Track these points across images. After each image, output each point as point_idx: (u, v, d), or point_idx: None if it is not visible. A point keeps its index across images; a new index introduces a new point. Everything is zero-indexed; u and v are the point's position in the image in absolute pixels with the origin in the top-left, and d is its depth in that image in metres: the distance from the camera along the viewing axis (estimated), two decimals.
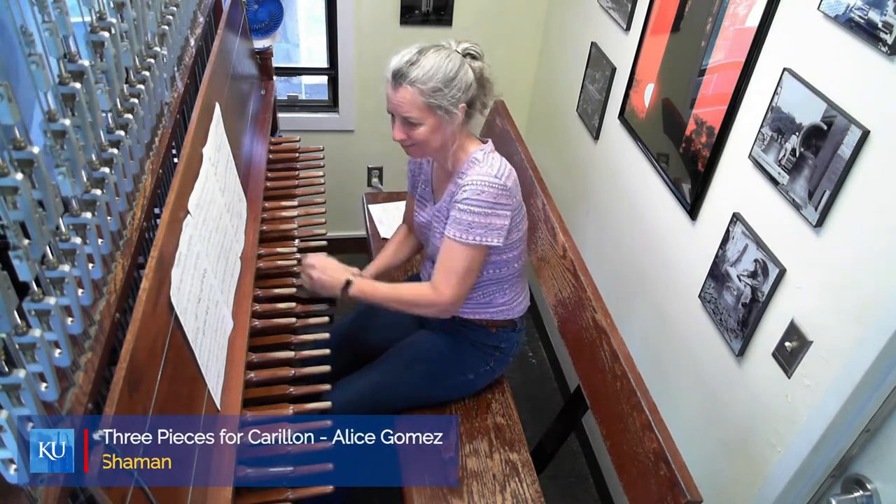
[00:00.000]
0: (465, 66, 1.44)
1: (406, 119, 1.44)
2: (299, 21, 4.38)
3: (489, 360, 1.73)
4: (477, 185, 1.44)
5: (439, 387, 1.72)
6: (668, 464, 1.29)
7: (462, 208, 1.45)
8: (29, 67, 0.74)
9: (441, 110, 1.43)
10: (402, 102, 1.42)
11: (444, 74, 1.41)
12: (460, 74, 1.43)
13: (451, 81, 1.41)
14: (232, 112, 1.66)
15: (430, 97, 1.41)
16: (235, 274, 1.43)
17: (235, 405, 1.21)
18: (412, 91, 1.41)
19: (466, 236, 1.46)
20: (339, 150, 2.82)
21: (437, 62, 1.41)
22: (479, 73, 1.48)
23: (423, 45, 1.45)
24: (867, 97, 1.12)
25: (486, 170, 1.46)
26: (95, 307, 0.90)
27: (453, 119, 1.44)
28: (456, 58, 1.44)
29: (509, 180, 1.47)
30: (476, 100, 1.49)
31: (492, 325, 1.68)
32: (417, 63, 1.41)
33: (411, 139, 1.47)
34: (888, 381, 1.12)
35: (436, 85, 1.40)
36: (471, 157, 1.50)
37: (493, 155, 1.51)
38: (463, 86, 1.43)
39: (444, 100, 1.42)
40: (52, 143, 0.79)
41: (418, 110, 1.42)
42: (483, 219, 1.45)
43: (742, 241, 1.43)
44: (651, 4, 1.82)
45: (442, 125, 1.45)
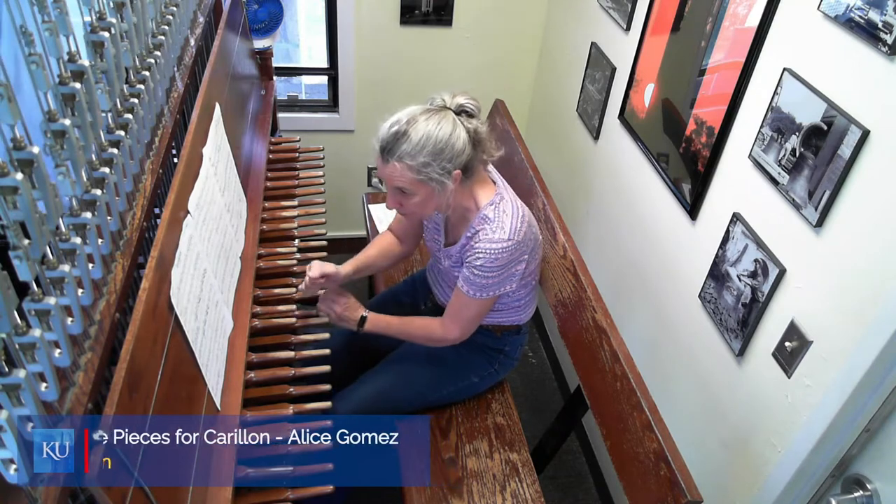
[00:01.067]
0: (458, 129, 1.37)
1: (398, 189, 1.41)
2: (299, 21, 4.38)
3: (493, 363, 1.73)
4: (490, 252, 1.42)
5: (443, 391, 1.72)
6: (668, 464, 1.29)
7: (476, 273, 1.45)
8: (29, 67, 0.74)
9: (432, 182, 1.38)
10: (392, 177, 1.39)
11: (433, 146, 1.34)
12: (451, 142, 1.36)
13: (441, 153, 1.35)
14: (232, 112, 1.66)
15: (419, 173, 1.36)
16: (235, 274, 1.43)
17: (235, 405, 1.21)
18: (400, 167, 1.36)
19: (480, 294, 1.49)
20: (339, 150, 2.82)
21: (426, 133, 1.34)
22: (473, 133, 1.40)
23: (412, 110, 1.38)
24: (867, 97, 1.12)
25: (497, 234, 1.42)
26: (95, 307, 0.90)
27: (446, 187, 1.39)
28: (447, 123, 1.36)
29: (521, 231, 1.44)
30: (471, 161, 1.42)
31: (498, 329, 1.69)
32: (406, 135, 1.34)
33: (405, 208, 1.44)
34: (888, 381, 1.12)
35: (425, 159, 1.35)
36: (482, 214, 1.46)
37: (503, 206, 1.46)
38: (453, 154, 1.37)
39: (434, 172, 1.36)
40: (52, 143, 0.79)
41: (409, 183, 1.38)
42: (497, 279, 1.47)
43: (742, 241, 1.43)
44: (651, 4, 1.82)
45: (434, 194, 1.40)
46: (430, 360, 1.70)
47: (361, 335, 1.82)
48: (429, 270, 1.81)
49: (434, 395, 1.71)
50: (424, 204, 1.43)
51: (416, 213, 1.48)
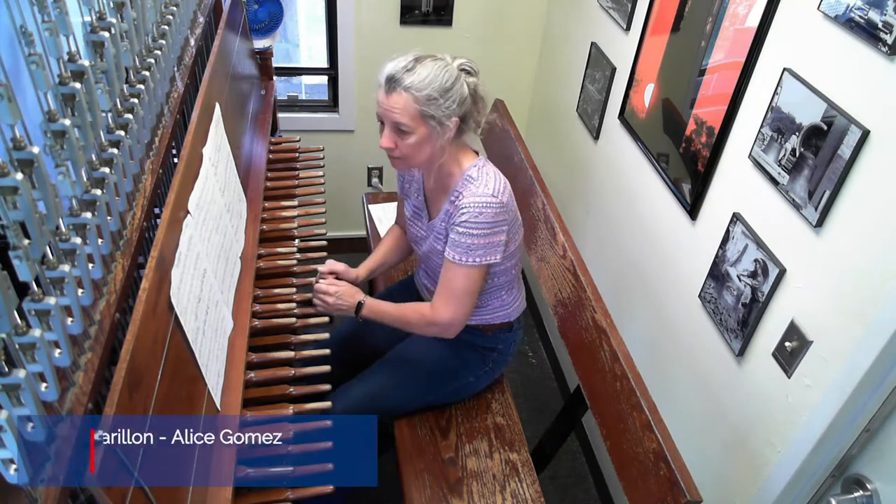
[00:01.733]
0: (461, 79, 1.40)
1: (396, 126, 1.40)
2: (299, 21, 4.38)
3: (487, 362, 1.72)
4: (475, 206, 1.42)
5: (440, 391, 1.72)
6: (668, 464, 1.29)
7: (462, 231, 1.44)
8: (29, 67, 0.74)
9: (433, 121, 1.39)
10: (394, 108, 1.38)
11: (440, 84, 1.36)
12: (456, 87, 1.39)
13: (446, 92, 1.37)
14: (232, 112, 1.66)
15: (425, 105, 1.37)
16: (235, 274, 1.43)
17: (235, 405, 1.21)
18: (406, 97, 1.36)
19: (467, 258, 1.46)
20: (339, 150, 2.82)
21: (433, 71, 1.37)
22: (473, 88, 1.43)
23: (418, 53, 1.41)
24: (867, 97, 1.12)
25: (482, 189, 1.43)
26: (95, 307, 0.90)
27: (444, 131, 1.40)
28: (452, 70, 1.40)
29: (505, 195, 1.45)
30: (469, 116, 1.44)
31: (488, 328, 1.68)
32: (413, 70, 1.37)
33: (399, 149, 1.43)
34: (888, 381, 1.12)
35: (431, 93, 1.36)
36: (465, 175, 1.48)
37: (486, 170, 1.48)
38: (458, 98, 1.39)
39: (439, 110, 1.38)
40: (52, 143, 0.79)
41: (410, 118, 1.38)
42: (483, 240, 1.44)
43: (742, 241, 1.43)
44: (651, 4, 1.82)
45: (432, 136, 1.41)
46: (426, 361, 1.69)
47: (360, 334, 1.82)
48: (417, 276, 1.81)
49: (430, 395, 1.71)
50: (419, 146, 1.42)
51: (409, 156, 1.45)
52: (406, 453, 1.64)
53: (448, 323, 1.53)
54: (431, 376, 1.69)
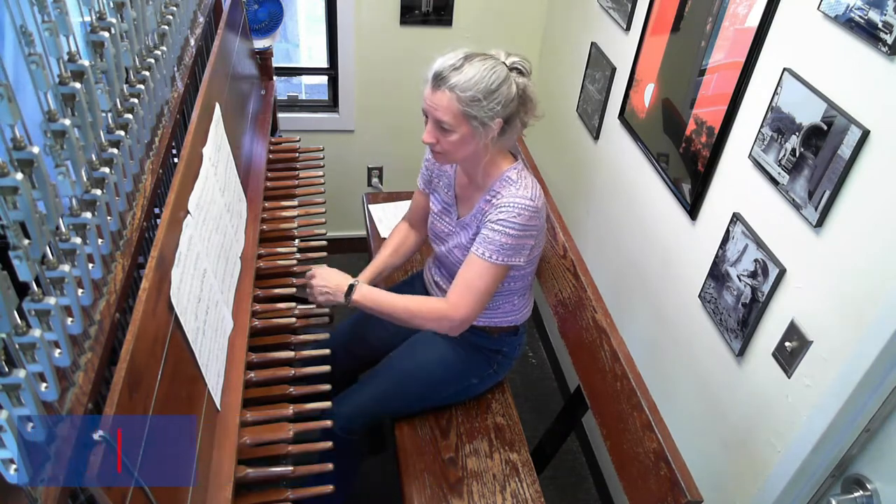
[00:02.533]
0: (510, 80, 1.39)
1: (439, 123, 1.40)
2: (299, 21, 4.38)
3: (492, 364, 1.72)
4: (514, 207, 1.42)
5: (443, 393, 1.71)
6: (668, 464, 1.29)
7: (497, 229, 1.44)
8: (29, 67, 0.74)
9: (476, 121, 1.38)
10: (437, 105, 1.38)
11: (485, 85, 1.36)
12: (502, 88, 1.38)
13: (491, 94, 1.36)
14: (232, 112, 1.66)
15: (467, 106, 1.36)
16: (235, 274, 1.43)
17: (235, 405, 1.21)
18: (449, 96, 1.36)
19: (496, 256, 1.45)
20: (339, 150, 2.82)
21: (480, 72, 1.36)
22: (522, 89, 1.42)
23: (470, 51, 1.40)
24: (867, 97, 1.12)
25: (522, 192, 1.44)
26: (95, 307, 0.90)
27: (487, 132, 1.40)
28: (501, 70, 1.39)
29: (540, 202, 1.46)
30: (515, 116, 1.44)
31: (494, 330, 1.68)
32: (460, 69, 1.36)
33: (441, 145, 1.44)
34: (888, 381, 1.12)
35: (475, 94, 1.35)
36: (504, 176, 1.48)
37: (525, 173, 1.49)
38: (503, 100, 1.38)
39: (481, 111, 1.37)
40: (52, 143, 0.79)
41: (453, 117, 1.38)
42: (515, 241, 1.44)
43: (742, 241, 1.43)
44: (651, 4, 1.82)
45: (475, 136, 1.41)
46: (430, 362, 1.69)
47: (361, 334, 1.82)
48: (427, 271, 1.81)
49: (434, 397, 1.71)
50: (460, 144, 1.42)
51: (449, 152, 1.45)
52: (406, 453, 1.65)
53: (462, 319, 1.51)
54: (435, 379, 1.69)
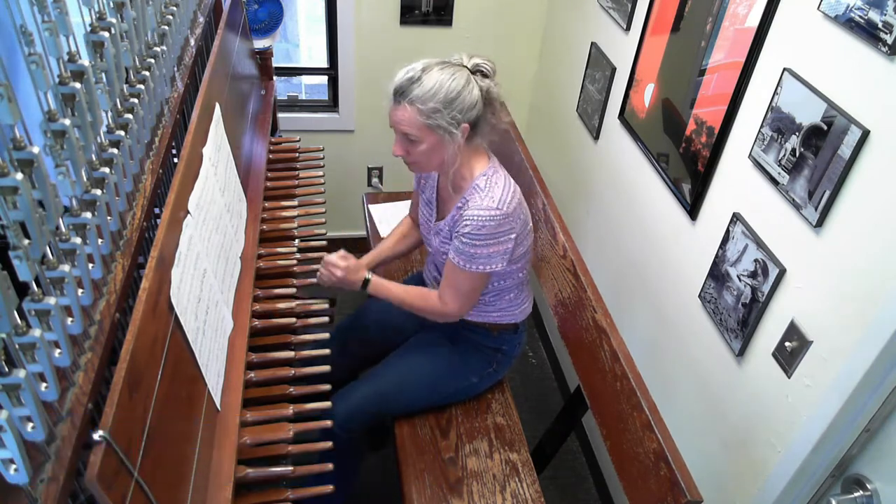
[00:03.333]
0: (471, 84, 1.40)
1: (406, 136, 1.43)
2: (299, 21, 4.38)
3: (492, 363, 1.73)
4: (476, 220, 1.42)
5: (443, 392, 1.72)
6: (668, 464, 1.29)
7: (464, 241, 1.45)
8: (29, 67, 0.74)
9: (441, 130, 1.40)
10: (401, 120, 1.41)
11: (445, 94, 1.37)
12: (463, 94, 1.38)
13: (451, 102, 1.37)
14: (232, 112, 1.66)
15: (429, 118, 1.38)
16: (235, 274, 1.43)
17: (235, 405, 1.21)
18: (411, 110, 1.38)
19: (470, 265, 1.48)
20: (339, 150, 2.82)
21: (439, 81, 1.37)
22: (485, 91, 1.43)
23: (428, 61, 1.42)
24: (867, 97, 1.12)
25: (486, 202, 1.43)
26: (95, 307, 0.90)
27: (454, 139, 1.41)
28: (461, 76, 1.39)
29: (510, 205, 1.44)
30: (481, 119, 1.44)
31: (494, 328, 1.68)
32: (419, 81, 1.37)
33: (411, 156, 1.46)
34: (888, 381, 1.12)
35: (435, 105, 1.37)
36: (474, 183, 1.48)
37: (496, 179, 1.48)
38: (465, 106, 1.39)
39: (444, 120, 1.38)
40: (52, 143, 0.79)
41: (417, 129, 1.40)
42: (485, 250, 1.45)
43: (742, 241, 1.43)
44: (651, 4, 1.82)
45: (442, 144, 1.42)
46: (429, 362, 1.70)
47: (361, 333, 1.83)
48: (427, 269, 1.81)
49: (433, 396, 1.71)
50: (430, 153, 1.44)
51: (421, 163, 1.48)
52: (406, 453, 1.65)
53: (455, 314, 1.59)
54: (435, 377, 1.69)
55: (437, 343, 1.72)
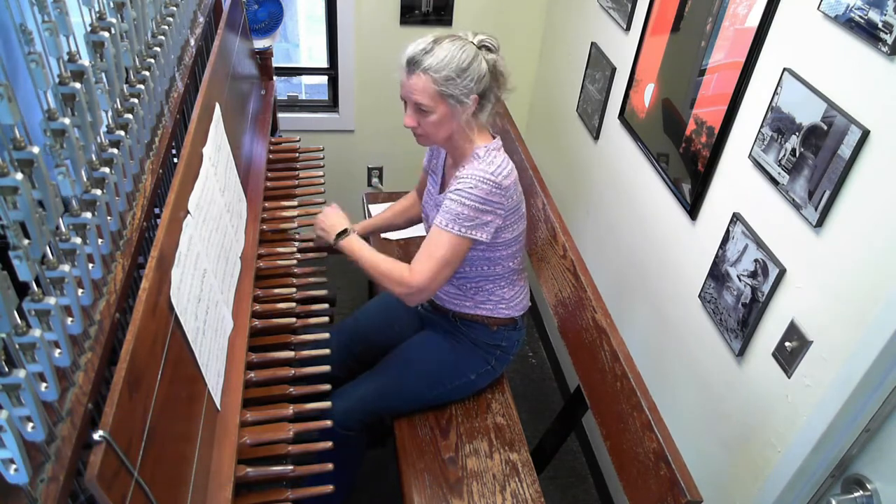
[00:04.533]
0: (479, 57, 1.45)
1: (418, 106, 1.46)
2: (299, 21, 4.38)
3: (490, 360, 1.73)
4: (471, 178, 1.45)
5: (441, 389, 1.72)
6: (668, 464, 1.29)
7: (453, 198, 1.47)
8: (29, 67, 0.74)
9: (453, 99, 1.44)
10: (414, 89, 1.44)
11: (457, 64, 1.41)
12: (473, 65, 1.43)
13: (463, 72, 1.42)
14: (232, 112, 1.66)
15: (443, 86, 1.42)
16: (235, 274, 1.43)
17: (235, 405, 1.21)
18: (425, 78, 1.42)
19: (452, 226, 1.47)
20: (339, 150, 2.82)
21: (451, 52, 1.42)
22: (492, 65, 1.47)
23: (438, 34, 1.46)
24: (867, 97, 1.12)
25: (483, 166, 1.46)
26: (95, 307, 0.90)
27: (464, 109, 1.45)
28: (470, 49, 1.44)
29: (507, 180, 1.47)
30: (489, 92, 1.49)
31: (492, 322, 1.69)
32: (431, 52, 1.42)
33: (422, 127, 1.49)
34: (888, 381, 1.12)
35: (448, 74, 1.41)
36: (474, 152, 1.51)
37: (496, 153, 1.51)
38: (476, 76, 1.44)
39: (457, 89, 1.43)
40: (52, 143, 0.79)
41: (430, 98, 1.44)
42: (471, 212, 1.46)
43: (742, 241, 1.43)
44: (651, 4, 1.82)
45: (453, 114, 1.46)
46: (428, 359, 1.70)
47: (360, 333, 1.82)
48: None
49: (431, 393, 1.71)
50: (440, 124, 1.47)
51: (430, 134, 1.50)
52: (406, 453, 1.65)
53: (419, 288, 1.48)
54: (433, 374, 1.70)
55: (436, 341, 1.72)
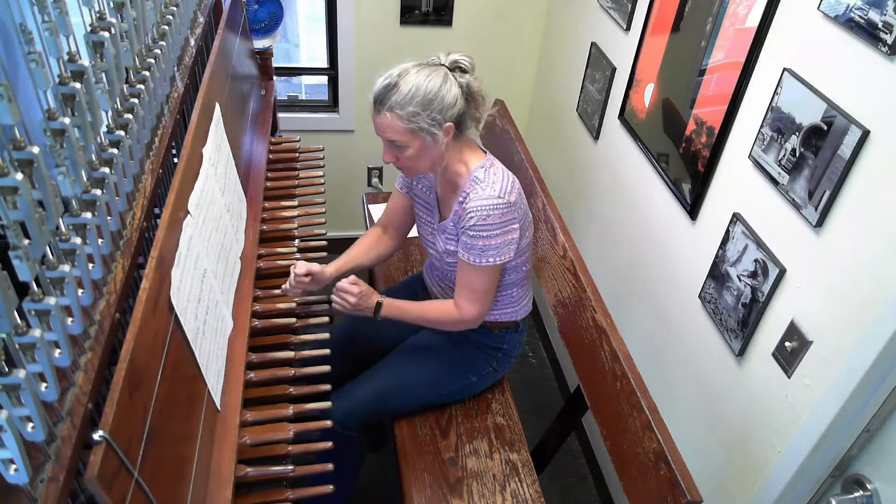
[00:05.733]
0: (449, 82, 1.39)
1: (392, 143, 1.43)
2: (299, 21, 4.38)
3: (491, 362, 1.72)
4: (482, 210, 1.42)
5: (442, 391, 1.71)
6: (668, 464, 1.29)
7: (472, 235, 1.45)
8: (28, 66, 0.74)
9: (423, 132, 1.40)
10: (383, 127, 1.41)
11: (422, 97, 1.37)
12: (441, 93, 1.38)
13: (430, 103, 1.37)
14: (232, 112, 1.66)
15: (410, 121, 1.38)
16: (235, 274, 1.43)
17: (235, 405, 1.21)
18: (391, 116, 1.38)
19: (482, 260, 1.47)
20: (339, 150, 2.82)
21: (415, 84, 1.37)
22: (465, 88, 1.42)
23: (405, 65, 1.41)
24: (867, 97, 1.12)
25: (488, 192, 1.43)
26: (95, 307, 0.90)
27: (437, 139, 1.41)
28: (438, 75, 1.39)
29: (512, 195, 1.45)
30: (464, 116, 1.44)
31: (495, 326, 1.68)
32: (396, 87, 1.37)
33: (401, 162, 1.46)
34: (888, 381, 1.12)
35: (413, 109, 1.37)
36: (472, 176, 1.48)
37: (493, 170, 1.48)
38: (444, 106, 1.39)
39: (425, 122, 1.38)
40: (52, 143, 0.79)
41: (400, 134, 1.40)
42: (494, 241, 1.45)
43: (742, 241, 1.43)
44: (651, 4, 1.82)
45: (428, 146, 1.42)
46: (429, 361, 1.70)
47: (360, 334, 1.82)
48: (426, 272, 1.81)
49: (432, 395, 1.71)
50: (418, 157, 1.45)
51: (411, 167, 1.49)
52: (406, 453, 1.65)
53: (475, 319, 1.57)
54: (434, 376, 1.69)
55: (437, 342, 1.72)
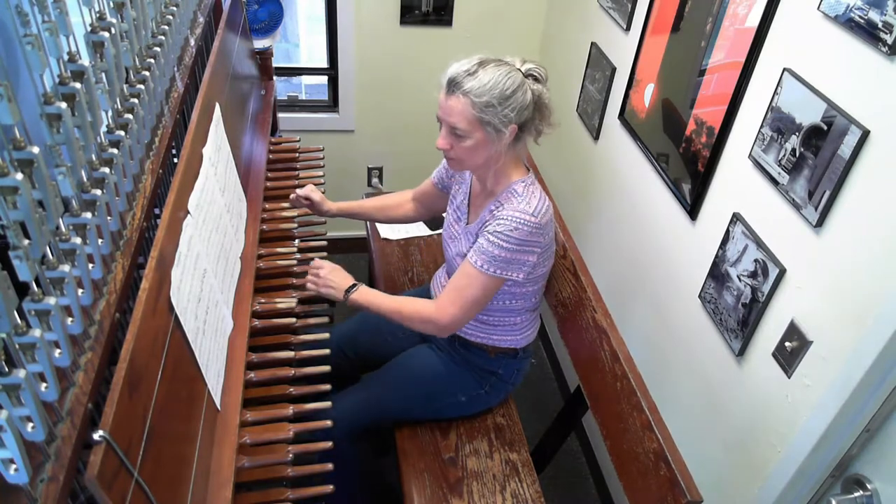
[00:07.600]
0: (525, 86, 1.38)
1: (453, 129, 1.39)
2: (299, 21, 4.38)
3: (484, 385, 1.69)
4: (513, 220, 1.40)
5: (433, 406, 1.69)
6: (668, 464, 1.29)
7: (491, 240, 1.42)
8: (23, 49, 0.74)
9: (490, 127, 1.37)
10: (451, 111, 1.37)
11: (500, 91, 1.34)
12: (517, 94, 1.36)
13: (506, 100, 1.35)
14: (232, 112, 1.66)
15: (482, 111, 1.35)
16: (235, 274, 1.43)
17: (235, 405, 1.21)
18: (464, 101, 1.35)
19: (487, 267, 1.43)
20: (339, 150, 2.82)
21: (495, 77, 1.35)
22: (537, 96, 1.41)
23: (484, 56, 1.39)
24: (867, 97, 1.12)
25: (523, 206, 1.41)
26: (95, 307, 0.90)
27: (501, 138, 1.39)
28: (516, 76, 1.37)
29: (545, 218, 1.43)
30: (529, 123, 1.42)
31: (492, 349, 1.65)
32: (475, 74, 1.35)
33: (454, 151, 1.42)
34: (888, 381, 1.12)
35: (489, 100, 1.34)
36: (511, 188, 1.46)
37: (533, 189, 1.46)
38: (518, 106, 1.37)
39: (496, 117, 1.36)
40: (52, 143, 0.79)
41: (467, 122, 1.37)
42: (509, 254, 1.42)
43: (742, 241, 1.43)
44: (651, 4, 1.82)
45: (489, 142, 1.39)
46: (424, 375, 1.67)
47: (360, 334, 1.82)
48: (434, 281, 1.79)
49: (423, 409, 1.69)
50: (475, 150, 1.41)
51: (463, 159, 1.44)
52: (406, 453, 1.65)
53: (447, 324, 1.49)
54: (425, 390, 1.67)
55: (430, 357, 1.69)
